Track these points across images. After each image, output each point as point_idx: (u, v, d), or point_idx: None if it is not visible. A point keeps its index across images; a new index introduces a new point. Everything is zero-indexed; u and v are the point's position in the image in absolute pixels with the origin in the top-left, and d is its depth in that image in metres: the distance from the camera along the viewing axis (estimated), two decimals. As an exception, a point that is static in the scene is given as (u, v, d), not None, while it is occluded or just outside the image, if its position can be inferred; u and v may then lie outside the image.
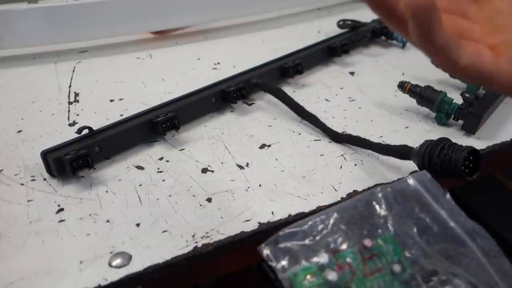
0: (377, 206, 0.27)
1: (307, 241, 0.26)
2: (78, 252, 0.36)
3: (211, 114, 0.55)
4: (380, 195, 0.28)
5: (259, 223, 0.39)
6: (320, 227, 0.27)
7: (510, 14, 0.26)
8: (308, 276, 0.24)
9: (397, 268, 0.24)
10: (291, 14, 0.87)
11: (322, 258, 0.25)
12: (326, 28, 0.80)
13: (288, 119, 0.54)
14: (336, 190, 0.42)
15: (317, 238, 0.26)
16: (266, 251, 0.26)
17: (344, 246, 0.25)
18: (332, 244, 0.26)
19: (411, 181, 0.28)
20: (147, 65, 0.68)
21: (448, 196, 0.27)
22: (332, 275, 0.24)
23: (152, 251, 0.36)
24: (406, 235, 0.26)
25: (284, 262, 0.25)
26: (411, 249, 0.25)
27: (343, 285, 0.24)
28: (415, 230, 0.26)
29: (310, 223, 0.27)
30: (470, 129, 0.50)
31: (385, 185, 0.28)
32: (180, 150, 0.48)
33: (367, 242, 0.25)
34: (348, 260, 0.25)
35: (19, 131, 0.51)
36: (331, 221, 0.27)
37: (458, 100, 0.52)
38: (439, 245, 0.25)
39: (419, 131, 0.51)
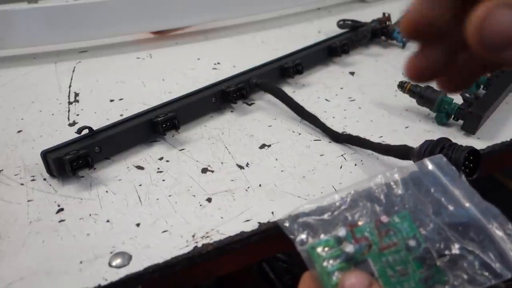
0: (394, 186, 0.28)
1: (325, 216, 0.27)
2: (78, 252, 0.36)
3: (211, 114, 0.55)
4: (396, 175, 0.28)
5: (259, 223, 0.39)
6: (338, 203, 0.28)
7: None
8: (326, 248, 0.25)
9: (412, 243, 0.25)
10: (291, 14, 0.87)
11: (340, 231, 0.26)
12: (326, 28, 0.80)
13: (288, 119, 0.54)
14: (336, 190, 0.42)
15: (335, 213, 0.27)
16: (286, 224, 0.27)
17: (361, 221, 0.27)
18: (349, 218, 0.27)
19: (428, 163, 0.29)
20: (147, 65, 0.68)
21: (463, 178, 0.28)
22: (349, 248, 0.25)
23: (152, 251, 0.36)
24: (421, 213, 0.27)
25: (303, 236, 0.26)
26: (426, 227, 0.26)
27: (359, 257, 0.25)
28: (430, 209, 0.27)
29: (328, 199, 0.28)
30: (470, 129, 0.50)
31: (402, 166, 0.29)
32: (180, 150, 0.48)
33: (384, 218, 0.26)
34: (365, 234, 0.26)
35: (19, 131, 0.51)
36: (349, 198, 0.28)
37: (458, 100, 0.52)
38: (454, 223, 0.26)
39: (419, 131, 0.51)
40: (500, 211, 0.26)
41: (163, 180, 0.44)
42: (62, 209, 0.40)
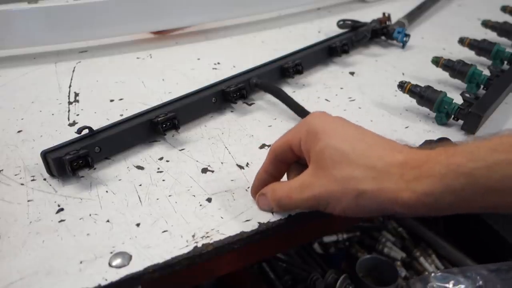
0: None
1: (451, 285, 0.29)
2: (78, 252, 0.36)
3: (211, 114, 0.55)
4: None
5: (259, 223, 0.39)
6: (472, 277, 0.30)
7: None
8: None
9: None
10: (291, 14, 0.87)
11: None
12: (326, 28, 0.80)
13: (288, 119, 0.54)
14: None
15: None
16: (418, 286, 0.29)
17: None
18: None
19: None
20: (147, 65, 0.68)
21: None
22: None
23: (152, 251, 0.36)
24: None
25: None
26: None
27: None
28: None
29: (463, 272, 0.29)
30: (470, 129, 0.50)
31: None
32: (180, 150, 0.48)
33: None
34: None
35: (19, 131, 0.51)
36: (482, 275, 0.30)
37: (458, 100, 0.52)
38: None
39: (419, 131, 0.51)
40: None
41: (163, 180, 0.44)
42: (62, 209, 0.40)
